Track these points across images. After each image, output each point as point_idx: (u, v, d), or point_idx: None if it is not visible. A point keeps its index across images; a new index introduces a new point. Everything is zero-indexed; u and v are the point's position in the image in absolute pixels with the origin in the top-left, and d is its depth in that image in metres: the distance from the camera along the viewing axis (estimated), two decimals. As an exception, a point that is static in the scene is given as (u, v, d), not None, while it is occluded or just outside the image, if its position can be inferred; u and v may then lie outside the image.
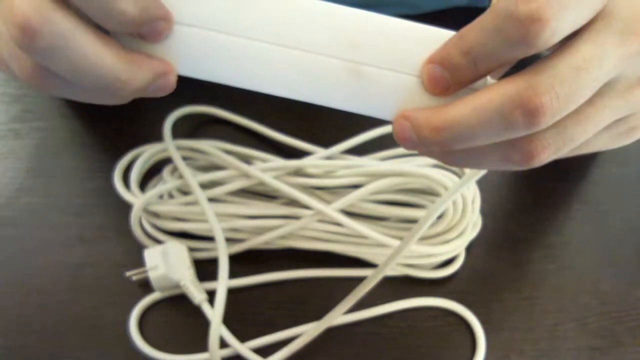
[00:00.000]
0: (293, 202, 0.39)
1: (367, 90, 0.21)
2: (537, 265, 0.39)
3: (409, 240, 0.30)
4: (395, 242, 0.37)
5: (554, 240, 0.40)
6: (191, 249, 0.38)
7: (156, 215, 0.39)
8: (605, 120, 0.20)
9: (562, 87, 0.18)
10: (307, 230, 0.38)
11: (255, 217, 0.38)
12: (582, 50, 0.19)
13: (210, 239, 0.38)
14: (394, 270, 0.38)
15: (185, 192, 0.40)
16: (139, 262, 0.36)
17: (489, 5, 0.23)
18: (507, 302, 0.38)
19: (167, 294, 0.37)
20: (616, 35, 0.19)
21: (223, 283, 0.35)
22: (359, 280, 0.38)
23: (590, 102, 0.20)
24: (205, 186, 0.39)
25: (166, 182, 0.39)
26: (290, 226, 0.38)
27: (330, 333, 0.34)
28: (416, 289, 0.38)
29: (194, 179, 0.38)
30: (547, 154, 0.20)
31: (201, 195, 0.37)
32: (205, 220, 0.38)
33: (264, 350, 0.35)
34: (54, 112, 0.45)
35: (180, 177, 0.39)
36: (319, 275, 0.38)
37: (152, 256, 0.36)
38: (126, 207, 0.39)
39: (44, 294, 0.37)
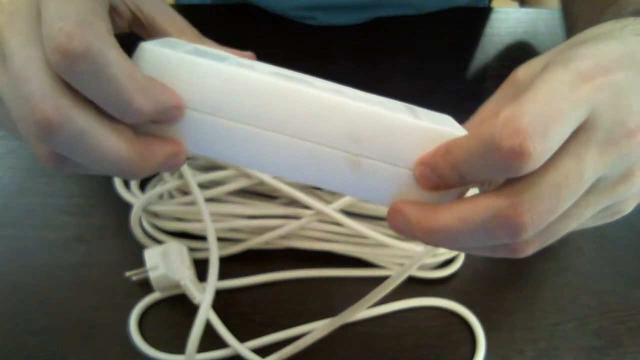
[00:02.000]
0: (293, 202, 0.39)
1: (365, 179, 0.22)
2: (537, 265, 0.39)
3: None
4: (396, 242, 0.37)
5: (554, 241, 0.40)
6: (191, 249, 0.38)
7: (156, 215, 0.39)
8: (587, 214, 0.21)
9: (543, 205, 0.19)
10: (307, 230, 0.38)
11: (255, 217, 0.38)
12: (564, 167, 0.19)
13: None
14: (394, 270, 0.38)
15: (185, 192, 0.40)
16: (139, 262, 0.36)
17: (489, 6, 0.23)
18: (507, 302, 0.38)
19: (167, 294, 0.37)
20: (597, 147, 0.19)
21: (212, 284, 0.35)
22: (359, 280, 0.38)
23: (573, 203, 0.20)
24: (205, 186, 0.39)
25: (166, 182, 0.39)
26: (290, 226, 0.38)
27: (331, 333, 0.34)
28: (416, 289, 0.38)
29: (193, 179, 0.38)
30: (532, 249, 0.22)
31: (199, 195, 0.37)
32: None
33: (264, 350, 0.35)
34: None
35: (181, 177, 0.39)
36: (319, 275, 0.38)
37: (152, 256, 0.36)
38: (126, 207, 0.39)
39: (44, 294, 0.37)
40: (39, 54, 0.19)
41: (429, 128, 0.22)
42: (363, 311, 0.36)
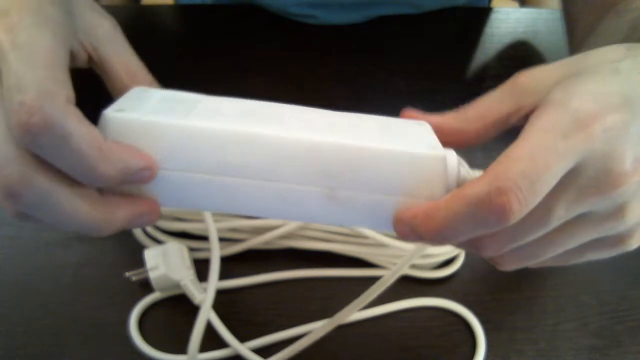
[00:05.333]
0: (293, 202, 0.39)
1: (345, 210, 0.23)
2: (537, 265, 0.39)
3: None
4: (395, 242, 0.37)
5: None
6: (191, 249, 0.38)
7: (156, 215, 0.39)
8: (572, 244, 0.21)
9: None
10: (307, 230, 0.38)
11: (255, 217, 0.38)
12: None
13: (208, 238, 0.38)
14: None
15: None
16: (139, 262, 0.36)
17: (488, 5, 0.23)
18: (507, 302, 0.38)
19: (167, 294, 0.37)
20: (576, 191, 0.20)
21: (213, 283, 0.35)
22: (359, 280, 0.38)
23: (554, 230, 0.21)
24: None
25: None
26: (290, 226, 0.38)
27: (331, 333, 0.34)
28: (416, 289, 0.38)
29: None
30: (510, 264, 0.23)
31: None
32: (205, 220, 0.38)
33: (264, 350, 0.35)
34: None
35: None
36: (319, 275, 0.38)
37: (152, 256, 0.36)
38: (126, 207, 0.39)
39: (44, 294, 0.37)
40: (2, 119, 0.20)
41: (398, 152, 0.22)
42: (363, 311, 0.36)
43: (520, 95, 0.22)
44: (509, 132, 0.23)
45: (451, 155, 0.23)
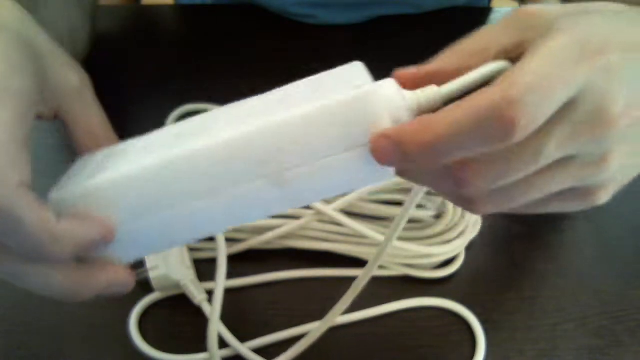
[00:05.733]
0: (293, 202, 0.39)
1: (300, 188, 0.21)
2: (537, 265, 0.39)
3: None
4: (395, 242, 0.37)
5: (554, 240, 0.40)
6: (191, 249, 0.38)
7: (156, 215, 0.39)
8: (553, 188, 0.21)
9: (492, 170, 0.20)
10: (307, 230, 0.38)
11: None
12: (529, 139, 0.19)
13: (210, 239, 0.38)
14: (394, 270, 0.38)
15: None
16: (139, 262, 0.36)
17: (488, 6, 0.23)
18: (507, 302, 0.38)
19: (167, 294, 0.37)
20: (570, 127, 0.19)
21: (221, 283, 0.35)
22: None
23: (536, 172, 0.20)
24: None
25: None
26: (290, 226, 0.38)
27: (330, 333, 0.34)
28: (416, 289, 0.38)
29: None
30: (488, 207, 0.22)
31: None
32: (205, 220, 0.38)
33: (264, 350, 0.35)
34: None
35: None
36: (319, 275, 0.38)
37: (152, 256, 0.36)
38: (126, 207, 0.39)
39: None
40: None
41: (321, 110, 0.20)
42: (363, 311, 0.36)
43: (522, 28, 0.21)
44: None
45: (388, 85, 0.21)
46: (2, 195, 0.20)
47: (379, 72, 0.24)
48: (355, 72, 0.22)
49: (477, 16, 0.58)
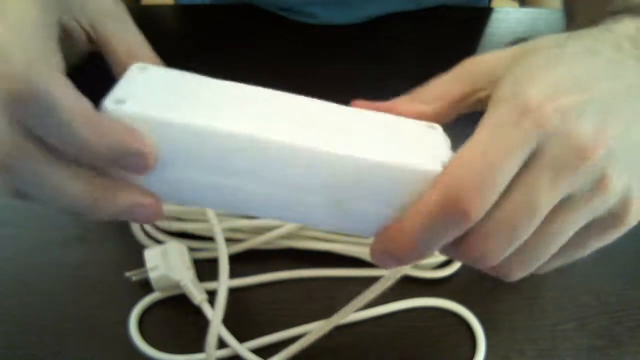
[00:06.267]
0: (293, 202, 0.39)
1: (346, 218, 0.23)
2: (537, 265, 0.39)
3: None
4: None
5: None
6: (191, 249, 0.38)
7: (156, 215, 0.39)
8: (571, 230, 0.21)
9: (498, 238, 0.20)
10: (307, 230, 0.38)
11: (255, 217, 0.38)
12: (515, 199, 0.20)
13: (210, 239, 0.38)
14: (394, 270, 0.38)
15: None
16: (139, 262, 0.36)
17: (489, 5, 0.24)
18: (507, 302, 0.38)
19: (167, 294, 0.37)
20: (548, 173, 0.19)
21: (224, 283, 0.35)
22: (359, 280, 0.38)
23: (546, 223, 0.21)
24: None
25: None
26: (290, 226, 0.38)
27: (331, 333, 0.34)
28: (416, 289, 0.38)
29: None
30: (516, 272, 0.23)
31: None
32: (205, 220, 0.38)
33: (263, 351, 0.35)
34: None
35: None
36: (319, 275, 0.38)
37: (152, 256, 0.36)
38: (126, 207, 0.39)
39: (44, 294, 0.37)
40: None
41: (398, 166, 0.21)
42: (363, 311, 0.36)
43: (471, 77, 0.23)
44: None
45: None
46: (38, 77, 0.19)
47: (379, 72, 0.24)
48: (437, 137, 0.23)
49: (477, 16, 0.58)
